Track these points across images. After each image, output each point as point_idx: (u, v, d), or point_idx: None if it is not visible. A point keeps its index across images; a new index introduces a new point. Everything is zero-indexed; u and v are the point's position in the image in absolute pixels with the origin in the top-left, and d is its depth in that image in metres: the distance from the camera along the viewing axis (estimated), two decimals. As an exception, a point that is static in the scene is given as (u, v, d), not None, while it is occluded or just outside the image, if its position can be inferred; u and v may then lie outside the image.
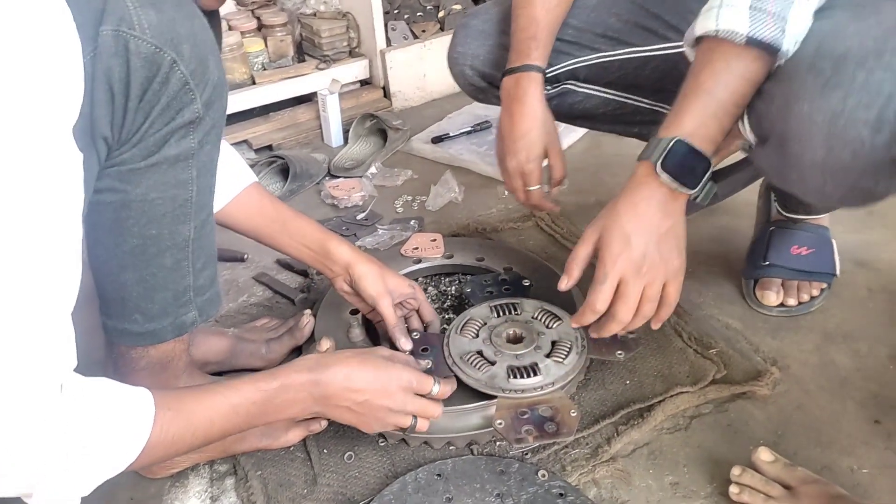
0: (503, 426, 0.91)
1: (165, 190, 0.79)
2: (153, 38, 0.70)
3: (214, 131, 0.81)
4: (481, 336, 1.03)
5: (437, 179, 1.64)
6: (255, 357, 1.10)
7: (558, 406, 0.93)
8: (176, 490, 0.95)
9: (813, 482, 0.85)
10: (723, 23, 0.81)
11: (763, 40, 0.79)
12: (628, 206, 0.85)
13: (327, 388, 0.83)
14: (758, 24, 0.80)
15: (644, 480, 0.93)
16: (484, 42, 1.20)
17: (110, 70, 0.68)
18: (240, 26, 1.94)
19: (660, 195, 0.85)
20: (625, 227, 0.85)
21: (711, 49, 0.84)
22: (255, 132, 1.89)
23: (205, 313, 0.92)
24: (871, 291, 1.23)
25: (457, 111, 2.01)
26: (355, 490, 0.93)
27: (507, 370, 0.97)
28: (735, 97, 0.83)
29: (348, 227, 1.49)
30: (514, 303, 1.09)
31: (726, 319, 1.18)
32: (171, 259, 0.84)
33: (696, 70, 0.85)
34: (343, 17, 2.00)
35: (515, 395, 0.94)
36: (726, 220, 1.42)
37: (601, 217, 0.88)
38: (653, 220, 0.85)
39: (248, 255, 1.42)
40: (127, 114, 0.71)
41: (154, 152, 0.76)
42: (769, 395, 1.03)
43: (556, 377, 0.96)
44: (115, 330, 0.88)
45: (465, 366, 0.98)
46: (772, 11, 0.80)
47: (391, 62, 2.02)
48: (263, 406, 0.79)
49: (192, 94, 0.75)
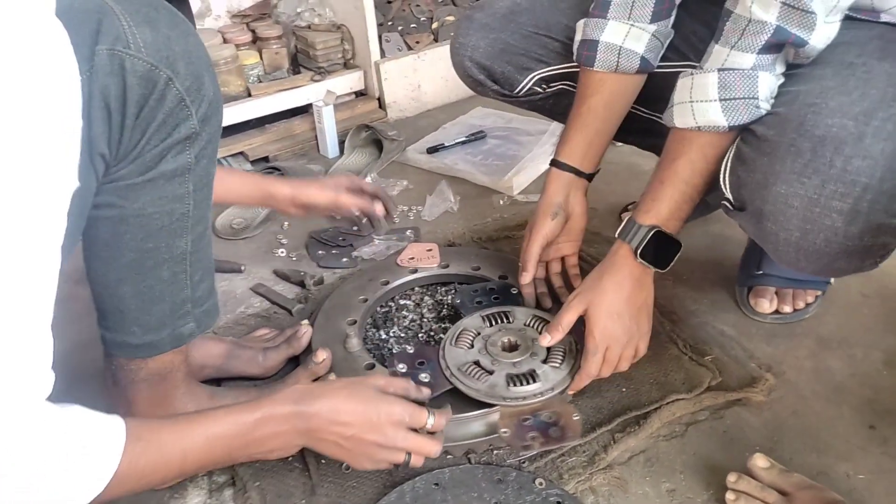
0: (509, 435, 0.91)
1: (162, 205, 0.79)
2: (149, 56, 0.70)
3: (211, 146, 0.82)
4: (476, 346, 1.03)
5: (432, 189, 1.65)
6: (252, 364, 1.10)
7: (560, 411, 0.94)
8: (175, 501, 0.95)
9: (809, 488, 0.85)
10: (701, 119, 0.90)
11: (743, 123, 0.88)
12: (613, 285, 0.96)
13: (311, 422, 0.80)
14: (733, 113, 0.88)
15: (641, 488, 0.93)
16: (486, 35, 1.21)
17: (107, 88, 0.69)
18: (235, 39, 1.94)
19: (638, 273, 0.97)
20: (612, 305, 0.96)
21: (685, 138, 0.93)
22: (251, 144, 1.89)
23: (203, 325, 0.92)
24: (865, 297, 1.24)
25: (451, 122, 2.02)
26: (353, 500, 0.93)
27: (507, 378, 0.97)
28: (708, 178, 0.93)
29: (344, 237, 1.49)
30: (505, 311, 1.09)
31: (721, 326, 1.19)
32: (169, 272, 0.84)
33: (672, 157, 0.94)
34: (337, 30, 2.01)
35: (517, 402, 0.95)
36: (720, 228, 1.43)
37: (586, 290, 0.98)
38: (633, 295, 0.97)
39: (245, 266, 1.43)
40: (124, 131, 0.72)
41: (151, 168, 0.76)
42: (764, 401, 1.04)
43: (554, 382, 0.97)
44: (114, 342, 0.88)
45: (464, 377, 0.98)
46: (741, 97, 0.87)
47: (386, 73, 2.03)
48: (243, 438, 0.77)
49: (187, 111, 0.76)
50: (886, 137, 0.76)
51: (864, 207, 0.76)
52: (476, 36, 1.21)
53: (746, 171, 0.85)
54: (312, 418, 0.81)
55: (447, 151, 1.84)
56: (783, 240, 0.83)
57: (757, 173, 0.83)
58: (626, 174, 1.63)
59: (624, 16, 1.05)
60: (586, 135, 1.11)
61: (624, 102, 1.12)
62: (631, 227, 0.96)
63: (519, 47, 1.20)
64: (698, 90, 0.90)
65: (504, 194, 1.64)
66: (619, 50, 1.06)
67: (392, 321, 1.23)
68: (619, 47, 1.05)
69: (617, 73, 1.08)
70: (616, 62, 1.06)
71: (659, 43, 1.08)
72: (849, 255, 0.80)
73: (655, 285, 1.01)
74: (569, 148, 1.12)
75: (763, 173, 0.82)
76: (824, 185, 0.77)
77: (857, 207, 0.76)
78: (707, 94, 0.89)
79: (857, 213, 0.76)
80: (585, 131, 1.11)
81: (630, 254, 0.96)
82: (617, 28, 1.06)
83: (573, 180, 1.12)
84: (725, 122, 0.88)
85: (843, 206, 0.76)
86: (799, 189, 0.78)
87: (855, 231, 0.78)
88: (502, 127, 1.95)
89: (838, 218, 0.77)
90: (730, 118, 0.88)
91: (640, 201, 0.97)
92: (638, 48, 1.06)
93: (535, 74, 1.22)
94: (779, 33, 0.84)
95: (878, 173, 0.75)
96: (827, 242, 0.79)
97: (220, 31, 1.96)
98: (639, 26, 1.05)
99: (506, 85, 1.24)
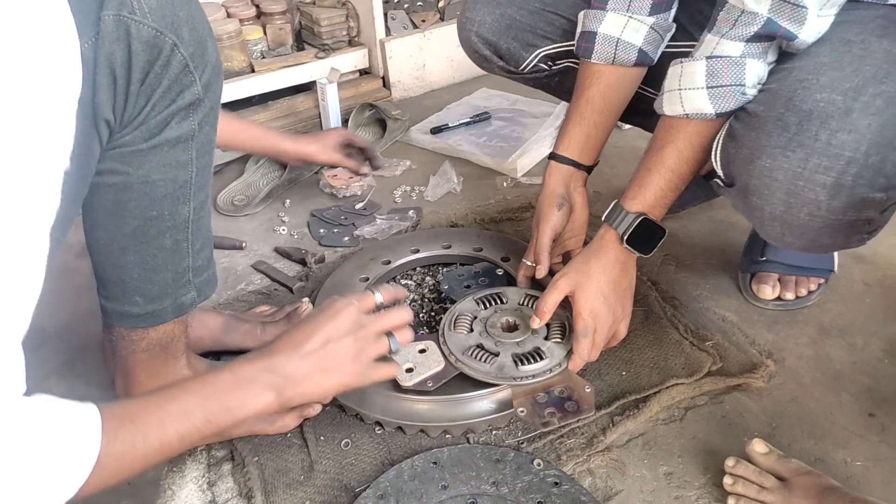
0: (526, 413, 0.92)
1: (167, 171, 0.79)
2: (154, 21, 0.70)
3: (213, 112, 0.81)
4: (476, 329, 1.03)
5: (435, 170, 1.64)
6: (249, 337, 1.10)
7: (571, 385, 0.95)
8: (173, 475, 0.96)
9: (806, 474, 0.85)
10: (688, 106, 0.91)
11: (730, 110, 0.89)
12: (600, 269, 0.97)
13: (282, 368, 0.76)
14: (720, 100, 0.89)
15: (639, 470, 0.93)
16: (493, 10, 1.20)
17: (112, 55, 0.68)
18: (238, 14, 1.92)
19: (623, 257, 0.99)
20: (600, 288, 0.97)
21: (673, 126, 0.94)
22: (255, 120, 1.88)
23: (203, 293, 0.92)
24: (867, 286, 1.23)
25: (456, 102, 2.01)
26: (351, 477, 0.94)
27: (513, 358, 0.97)
28: (694, 167, 0.95)
29: (347, 216, 1.49)
30: (497, 293, 1.10)
31: (723, 312, 1.19)
32: (171, 240, 0.84)
33: (660, 145, 0.96)
34: (342, 6, 1.99)
35: (528, 381, 0.95)
36: (724, 214, 1.42)
37: (573, 272, 0.98)
38: (618, 279, 0.98)
39: (246, 243, 1.42)
40: (129, 97, 0.72)
41: (156, 134, 0.76)
42: (764, 387, 1.04)
43: (560, 357, 0.97)
44: (115, 312, 0.88)
45: (470, 360, 0.98)
46: (728, 84, 0.88)
47: (391, 52, 2.01)
48: (216, 401, 0.72)
49: (191, 77, 0.75)
50: (875, 112, 0.76)
51: (848, 181, 0.76)
52: (483, 11, 1.20)
53: (735, 147, 0.86)
54: (280, 365, 0.77)
55: (451, 132, 1.83)
56: (768, 214, 0.83)
57: (744, 148, 0.84)
58: (631, 157, 1.62)
59: (623, 7, 1.05)
60: (584, 127, 1.11)
61: (621, 95, 1.11)
62: (618, 212, 0.97)
63: (525, 23, 1.19)
64: (687, 78, 0.91)
65: (507, 176, 1.63)
66: (616, 42, 1.05)
67: (393, 301, 1.22)
68: (617, 39, 1.05)
69: (614, 65, 1.08)
70: (613, 54, 1.06)
71: (658, 36, 1.07)
72: (833, 230, 0.81)
73: (658, 269, 1.01)
74: (567, 141, 1.12)
75: (749, 148, 0.83)
76: (808, 159, 0.77)
77: (841, 181, 0.76)
78: (695, 82, 0.90)
79: (840, 186, 0.76)
80: (583, 124, 1.10)
81: (616, 239, 0.97)
82: (615, 19, 1.05)
83: (573, 172, 1.12)
84: (712, 110, 0.89)
85: (826, 179, 0.76)
86: (783, 163, 0.79)
87: (838, 205, 0.78)
88: (507, 108, 1.94)
89: (821, 191, 0.77)
90: (717, 105, 0.89)
91: (628, 187, 0.98)
92: (636, 40, 1.05)
93: (541, 51, 1.21)
94: (768, 25, 0.84)
95: (864, 147, 0.75)
96: (811, 216, 0.80)
97: (223, 6, 1.94)
98: (637, 18, 1.05)
99: (511, 61, 1.23)
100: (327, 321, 0.81)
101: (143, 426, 0.65)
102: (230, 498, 0.93)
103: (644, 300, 1.20)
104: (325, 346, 0.79)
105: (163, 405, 0.68)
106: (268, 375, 0.76)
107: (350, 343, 0.81)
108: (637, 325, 1.15)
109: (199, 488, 0.94)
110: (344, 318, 0.81)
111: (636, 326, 1.15)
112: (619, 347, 1.08)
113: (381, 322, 0.85)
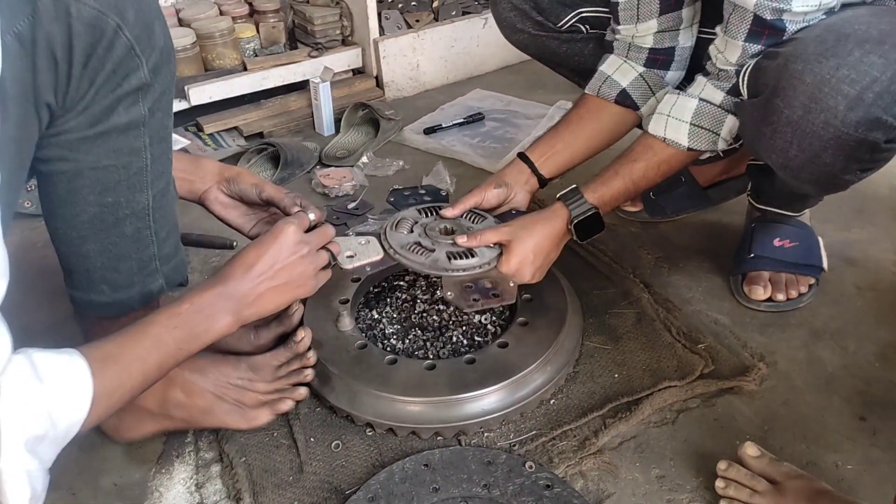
0: (454, 297, 1.00)
1: (118, 157, 0.79)
2: (96, 2, 0.68)
3: (165, 98, 0.81)
4: (416, 231, 1.10)
5: (428, 170, 1.63)
6: (242, 341, 1.09)
7: (497, 279, 1.03)
8: (161, 476, 0.95)
9: (798, 477, 0.85)
10: (670, 133, 1.05)
11: (699, 150, 1.05)
12: (541, 234, 1.06)
13: (236, 291, 0.82)
14: (696, 139, 1.04)
15: (631, 473, 0.93)
16: None
17: (51, 35, 0.67)
18: (231, 11, 1.92)
19: (563, 235, 1.08)
20: (533, 248, 1.04)
21: (651, 147, 1.07)
22: (246, 119, 1.87)
23: (171, 281, 0.93)
24: (859, 289, 1.24)
25: (450, 103, 2.00)
26: (342, 479, 0.93)
27: (447, 255, 1.04)
28: (649, 185, 1.10)
29: (339, 215, 1.48)
30: (439, 206, 1.16)
31: (715, 315, 1.19)
32: (132, 227, 0.85)
33: (634, 157, 1.08)
34: (336, 5, 1.98)
35: (458, 273, 1.02)
36: (717, 217, 1.42)
37: (518, 227, 1.06)
38: (549, 251, 1.07)
39: (237, 242, 1.41)
40: (71, 80, 0.70)
41: (101, 120, 0.75)
42: (756, 390, 1.04)
43: (490, 258, 1.04)
44: (83, 301, 0.89)
45: (408, 253, 1.04)
46: (706, 128, 1.03)
47: (384, 51, 2.00)
48: (183, 329, 0.77)
49: (137, 60, 0.74)
50: None
51: (869, 98, 0.81)
52: None
53: (769, 60, 0.92)
54: (234, 288, 0.82)
55: (444, 133, 1.83)
56: (785, 118, 0.87)
57: (779, 58, 0.89)
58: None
59: (622, 52, 1.20)
60: (553, 141, 1.22)
61: (596, 125, 1.22)
62: (577, 197, 1.07)
63: None
64: (678, 109, 1.05)
65: (500, 177, 1.62)
66: (606, 78, 1.20)
67: (385, 301, 1.22)
68: (608, 76, 1.20)
69: (598, 96, 1.21)
70: (599, 87, 1.21)
71: (645, 84, 1.18)
72: (838, 147, 0.85)
73: (651, 272, 1.02)
74: (535, 146, 1.23)
75: (785, 57, 0.88)
76: (839, 69, 0.82)
77: (863, 96, 0.81)
78: (683, 116, 1.04)
79: (860, 100, 0.81)
80: (555, 138, 1.22)
81: (566, 218, 1.07)
82: (613, 61, 1.21)
83: (528, 176, 1.21)
84: (686, 144, 1.04)
85: (850, 90, 0.81)
86: (815, 67, 0.83)
87: (853, 118, 0.82)
88: (500, 109, 1.93)
89: (842, 101, 0.82)
90: (691, 142, 1.04)
91: (592, 180, 1.09)
92: (622, 81, 1.19)
93: (581, 10, 1.25)
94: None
95: (890, 73, 0.80)
96: (825, 125, 0.83)
97: (216, 3, 1.93)
98: (630, 64, 1.19)
99: (551, 16, 1.25)
100: (273, 241, 0.86)
101: (125, 363, 0.71)
102: (219, 500, 0.92)
103: (637, 302, 1.20)
104: (272, 266, 0.84)
105: (138, 340, 0.73)
106: (225, 301, 0.81)
107: (296, 260, 0.87)
108: (630, 328, 1.15)
109: (188, 490, 0.93)
110: (287, 238, 0.87)
111: (629, 328, 1.15)
112: (612, 349, 1.09)
113: (319, 237, 0.92)
